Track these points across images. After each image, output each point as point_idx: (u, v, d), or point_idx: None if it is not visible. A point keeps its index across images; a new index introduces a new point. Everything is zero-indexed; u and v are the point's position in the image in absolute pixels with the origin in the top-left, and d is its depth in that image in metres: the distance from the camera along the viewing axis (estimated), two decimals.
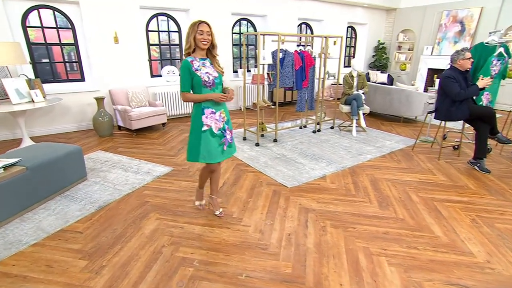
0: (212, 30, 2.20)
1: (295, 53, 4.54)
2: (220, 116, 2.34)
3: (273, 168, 3.61)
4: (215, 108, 2.29)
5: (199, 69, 2.20)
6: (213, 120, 2.29)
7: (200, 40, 2.15)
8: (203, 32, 2.15)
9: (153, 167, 3.63)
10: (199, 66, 2.20)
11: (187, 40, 2.19)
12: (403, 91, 5.61)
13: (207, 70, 2.23)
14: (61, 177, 2.93)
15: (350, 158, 3.96)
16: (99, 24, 4.94)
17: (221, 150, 2.39)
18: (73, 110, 5.09)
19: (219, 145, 2.36)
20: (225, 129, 2.40)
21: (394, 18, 8.98)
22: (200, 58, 2.24)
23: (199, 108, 2.26)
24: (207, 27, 2.17)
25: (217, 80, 2.27)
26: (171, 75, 5.95)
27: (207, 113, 2.26)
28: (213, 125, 2.29)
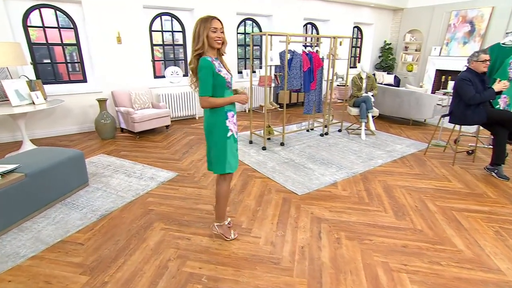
0: (223, 28, 2.05)
1: (303, 54, 4.40)
2: (236, 119, 2.21)
3: (282, 174, 3.47)
4: (234, 111, 2.15)
5: (220, 70, 1.99)
6: (233, 124, 2.13)
7: (214, 38, 1.94)
8: (217, 29, 1.94)
9: (157, 172, 3.50)
10: (219, 66, 2.00)
11: (198, 39, 1.93)
12: (412, 93, 5.46)
13: (225, 70, 2.07)
14: (61, 183, 2.81)
15: (360, 163, 3.82)
16: (102, 24, 4.82)
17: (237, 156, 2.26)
18: (74, 111, 4.98)
19: (236, 151, 2.23)
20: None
21: (401, 18, 8.83)
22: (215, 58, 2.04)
23: (222, 113, 2.05)
24: (220, 24, 1.99)
25: (232, 81, 2.14)
26: (174, 76, 5.83)
27: (229, 116, 2.08)
28: (234, 129, 2.14)
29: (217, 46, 2.00)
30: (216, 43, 1.97)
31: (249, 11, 6.29)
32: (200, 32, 1.94)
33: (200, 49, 1.96)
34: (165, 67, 5.92)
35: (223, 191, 2.20)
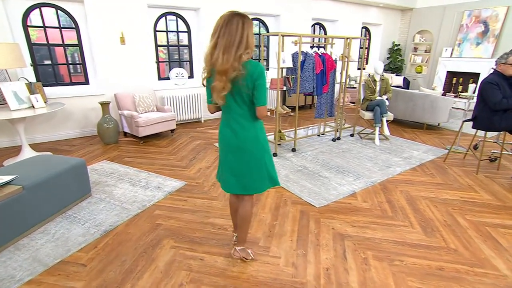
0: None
1: (316, 55, 4.19)
2: None
3: (296, 183, 3.26)
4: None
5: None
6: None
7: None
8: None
9: (164, 181, 3.29)
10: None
11: (248, 42, 1.59)
12: (427, 97, 5.25)
13: None
14: (62, 195, 2.61)
15: (378, 172, 3.61)
16: (105, 24, 4.63)
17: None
18: (76, 115, 4.78)
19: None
20: None
21: (410, 18, 8.62)
22: None
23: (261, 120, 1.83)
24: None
25: None
26: (179, 78, 5.63)
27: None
28: None
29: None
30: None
31: (257, 11, 6.09)
32: (250, 34, 1.59)
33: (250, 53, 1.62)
34: (170, 69, 5.72)
35: (250, 212, 1.97)
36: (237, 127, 1.73)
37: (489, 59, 6.94)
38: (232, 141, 1.76)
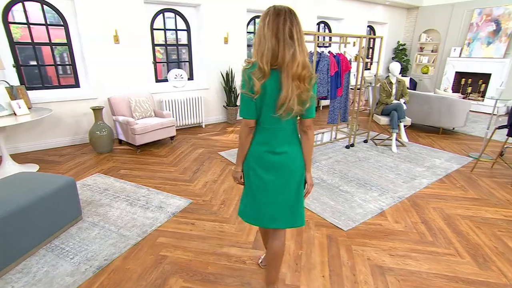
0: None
1: (331, 55, 3.84)
2: None
3: (317, 201, 2.90)
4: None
5: None
6: None
7: None
8: None
9: (166, 198, 2.90)
10: None
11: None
12: (444, 99, 4.94)
13: None
14: (47, 222, 2.20)
15: (403, 184, 3.27)
16: (97, 21, 4.19)
17: None
18: (66, 121, 4.33)
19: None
20: None
21: (416, 17, 8.33)
22: None
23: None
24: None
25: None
26: (178, 80, 5.22)
27: None
28: None
29: None
30: None
31: (260, 8, 5.70)
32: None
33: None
34: (168, 70, 5.31)
35: (284, 247, 1.64)
36: (286, 146, 1.44)
37: (501, 59, 6.67)
38: (281, 162, 1.44)
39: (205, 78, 5.48)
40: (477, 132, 5.32)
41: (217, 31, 5.32)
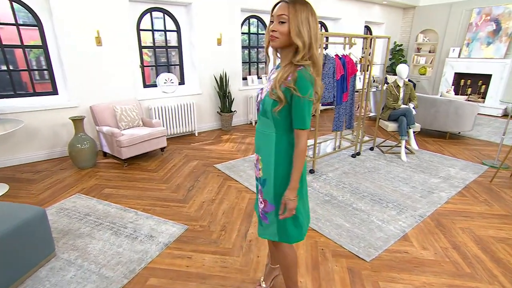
0: (294, 12, 1.15)
1: (336, 58, 3.51)
2: (256, 163, 1.43)
3: (330, 222, 2.55)
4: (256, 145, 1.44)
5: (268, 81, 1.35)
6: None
7: (269, 33, 1.21)
8: (274, 18, 1.20)
9: (157, 224, 2.50)
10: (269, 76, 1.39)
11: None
12: (451, 103, 4.69)
13: (265, 85, 1.35)
14: (8, 266, 1.78)
15: (421, 199, 2.96)
16: (75, 21, 3.76)
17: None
18: (42, 133, 3.88)
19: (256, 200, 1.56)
20: (258, 189, 1.46)
21: (413, 17, 8.14)
22: (277, 66, 1.37)
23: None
24: (283, 9, 1.16)
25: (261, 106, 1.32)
26: (168, 85, 4.81)
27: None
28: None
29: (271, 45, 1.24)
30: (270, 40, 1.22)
31: (256, 8, 5.36)
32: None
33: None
34: (157, 74, 4.90)
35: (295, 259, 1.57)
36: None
37: (502, 60, 6.51)
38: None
39: (197, 83, 5.09)
40: (485, 136, 5.10)
41: (209, 32, 4.95)
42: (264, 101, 1.27)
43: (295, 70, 1.18)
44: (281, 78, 1.19)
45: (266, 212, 1.43)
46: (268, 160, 1.34)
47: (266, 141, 1.32)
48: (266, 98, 1.25)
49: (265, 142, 1.33)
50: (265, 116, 1.28)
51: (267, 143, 1.32)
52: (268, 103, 1.24)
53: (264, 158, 1.35)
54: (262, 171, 1.37)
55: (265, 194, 1.40)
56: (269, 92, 1.23)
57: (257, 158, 1.40)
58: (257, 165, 1.42)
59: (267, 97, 1.25)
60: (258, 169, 1.40)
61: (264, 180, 1.38)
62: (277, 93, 1.19)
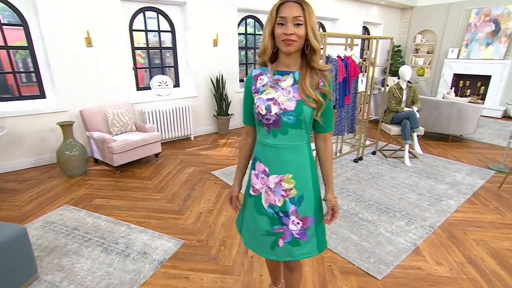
0: (309, 14, 1.06)
1: (338, 59, 3.37)
2: (279, 185, 1.22)
3: (336, 235, 2.40)
4: (269, 165, 1.23)
5: (260, 91, 1.19)
6: (264, 186, 1.25)
7: (281, 37, 1.08)
8: (287, 20, 1.06)
9: (151, 239, 2.32)
10: (266, 85, 1.19)
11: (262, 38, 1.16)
12: (454, 105, 4.58)
13: (276, 94, 1.15)
14: None
15: (429, 208, 2.83)
16: (64, 21, 3.56)
17: (270, 242, 1.28)
18: (29, 139, 3.67)
19: (267, 233, 1.27)
20: (287, 211, 1.25)
21: (411, 17, 8.06)
22: (277, 71, 1.19)
23: (253, 156, 1.33)
24: (296, 9, 1.05)
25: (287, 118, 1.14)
26: (163, 87, 4.63)
27: (258, 169, 1.28)
28: (263, 193, 1.26)
29: (285, 50, 1.10)
30: (284, 45, 1.09)
31: (253, 7, 5.20)
32: (265, 26, 1.14)
33: (262, 54, 1.17)
34: (150, 76, 4.71)
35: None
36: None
37: (501, 61, 6.45)
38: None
39: (192, 85, 4.91)
40: (487, 139, 5.01)
41: (205, 33, 4.77)
42: (299, 112, 1.13)
43: (323, 74, 1.16)
44: (314, 83, 1.14)
45: (306, 229, 1.27)
46: (303, 174, 1.22)
47: (298, 155, 1.21)
48: (304, 108, 1.13)
49: (298, 156, 1.21)
50: (298, 127, 1.16)
51: (300, 156, 1.21)
52: (307, 112, 1.14)
53: (297, 174, 1.21)
54: (296, 189, 1.22)
55: (304, 211, 1.25)
56: (303, 101, 1.13)
57: (281, 178, 1.21)
58: (279, 188, 1.22)
59: (304, 106, 1.13)
60: (284, 190, 1.22)
61: (300, 197, 1.24)
62: (316, 99, 1.13)
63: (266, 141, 1.20)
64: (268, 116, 1.15)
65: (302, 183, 1.23)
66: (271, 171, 1.22)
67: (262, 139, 1.22)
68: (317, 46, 1.09)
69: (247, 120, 1.31)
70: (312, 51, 1.11)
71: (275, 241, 1.27)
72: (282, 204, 1.23)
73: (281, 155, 1.19)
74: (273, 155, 1.20)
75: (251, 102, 1.23)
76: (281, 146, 1.18)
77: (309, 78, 1.14)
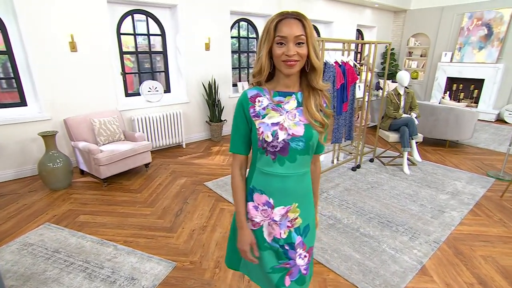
0: (310, 31, 0.96)
1: (336, 65, 3.25)
2: (285, 217, 1.10)
3: (337, 253, 2.26)
4: (274, 196, 1.09)
5: (261, 114, 1.05)
6: (266, 218, 1.11)
7: (281, 57, 0.97)
8: (288, 39, 0.95)
9: (140, 262, 2.14)
10: (267, 107, 1.05)
11: (257, 57, 1.03)
12: (451, 110, 4.52)
13: (281, 118, 1.04)
14: None
15: (433, 221, 2.72)
16: (45, 24, 3.35)
17: (276, 280, 1.13)
18: (8, 149, 3.43)
19: (272, 269, 1.13)
20: (293, 243, 1.13)
21: (404, 20, 8.04)
22: (278, 92, 1.06)
23: (247, 185, 1.15)
24: (297, 27, 0.95)
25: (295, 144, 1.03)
26: (153, 93, 4.44)
27: (257, 201, 1.12)
28: (265, 226, 1.13)
29: (286, 72, 1.00)
30: (284, 67, 0.99)
31: (246, 10, 5.06)
32: (261, 44, 1.01)
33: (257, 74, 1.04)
34: (140, 82, 4.51)
35: None
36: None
37: (494, 64, 6.45)
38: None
39: (184, 90, 4.73)
40: (483, 144, 4.97)
41: (197, 36, 4.61)
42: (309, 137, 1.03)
43: (324, 94, 1.08)
44: (318, 105, 1.06)
45: (310, 261, 1.18)
46: (307, 202, 1.15)
47: (304, 182, 1.11)
48: (314, 133, 1.04)
49: (303, 184, 1.11)
50: (306, 153, 1.06)
51: (305, 183, 1.12)
52: (316, 136, 1.06)
53: (302, 202, 1.12)
54: (301, 218, 1.12)
55: (309, 241, 1.16)
56: (311, 125, 1.04)
57: (288, 209, 1.09)
58: (285, 219, 1.10)
59: (313, 131, 1.04)
60: (289, 221, 1.10)
61: (305, 227, 1.14)
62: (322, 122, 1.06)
63: (270, 171, 1.06)
64: (274, 143, 1.02)
65: (306, 211, 1.14)
66: (277, 202, 1.08)
67: (264, 168, 1.07)
68: (318, 65, 1.01)
69: (239, 148, 1.11)
70: (313, 70, 1.02)
71: (281, 278, 1.13)
72: (287, 235, 1.11)
73: (288, 184, 1.07)
74: (279, 185, 1.06)
75: (246, 127, 1.08)
76: (289, 175, 1.06)
77: (313, 99, 1.05)
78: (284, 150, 1.02)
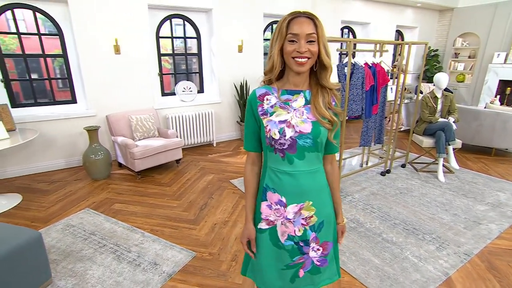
0: (321, 30, 0.98)
1: (365, 66, 3.18)
2: (298, 214, 1.11)
3: (356, 257, 2.22)
4: (286, 194, 1.11)
5: (269, 112, 1.08)
6: (280, 217, 1.13)
7: (292, 54, 0.99)
8: (300, 37, 0.98)
9: (163, 249, 2.30)
10: (275, 105, 1.08)
11: (269, 55, 1.07)
12: (498, 115, 4.15)
13: (289, 116, 1.06)
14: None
15: (466, 232, 2.54)
16: (94, 30, 3.72)
17: (290, 276, 1.16)
18: (60, 141, 3.85)
19: (286, 267, 1.15)
20: (308, 240, 1.14)
21: (450, 20, 7.52)
22: (286, 91, 1.09)
23: (261, 185, 1.18)
24: (308, 26, 0.98)
25: (303, 141, 1.05)
26: (187, 93, 4.68)
27: (270, 200, 1.14)
28: (279, 225, 1.14)
29: (297, 69, 1.02)
30: (295, 64, 1.01)
31: (278, 12, 5.12)
32: (273, 42, 1.04)
33: (269, 72, 1.08)
34: (176, 82, 4.78)
35: None
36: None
37: None
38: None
39: (216, 91, 4.92)
40: None
41: (230, 39, 4.77)
42: (316, 134, 1.06)
43: (334, 93, 1.10)
44: (327, 103, 1.08)
45: (326, 255, 1.20)
46: (322, 199, 1.16)
47: (316, 179, 1.13)
48: (321, 130, 1.06)
49: (316, 181, 1.13)
50: (315, 150, 1.08)
51: (318, 180, 1.14)
52: (324, 134, 1.07)
53: (317, 199, 1.13)
54: (316, 216, 1.14)
55: (324, 236, 1.18)
56: (319, 122, 1.06)
57: (301, 207, 1.11)
58: (298, 217, 1.12)
59: (321, 127, 1.06)
60: (304, 218, 1.12)
61: (320, 223, 1.16)
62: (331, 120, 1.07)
63: (280, 168, 1.09)
64: (282, 141, 1.05)
65: (322, 209, 1.15)
66: (289, 200, 1.11)
67: (275, 166, 1.10)
68: (328, 63, 1.03)
69: (251, 146, 1.16)
70: (323, 69, 1.05)
71: (295, 273, 1.17)
72: (302, 233, 1.13)
73: (299, 182, 1.09)
74: (290, 183, 1.09)
75: (255, 125, 1.12)
76: (299, 173, 1.08)
77: (321, 97, 1.07)
78: (292, 147, 1.05)
